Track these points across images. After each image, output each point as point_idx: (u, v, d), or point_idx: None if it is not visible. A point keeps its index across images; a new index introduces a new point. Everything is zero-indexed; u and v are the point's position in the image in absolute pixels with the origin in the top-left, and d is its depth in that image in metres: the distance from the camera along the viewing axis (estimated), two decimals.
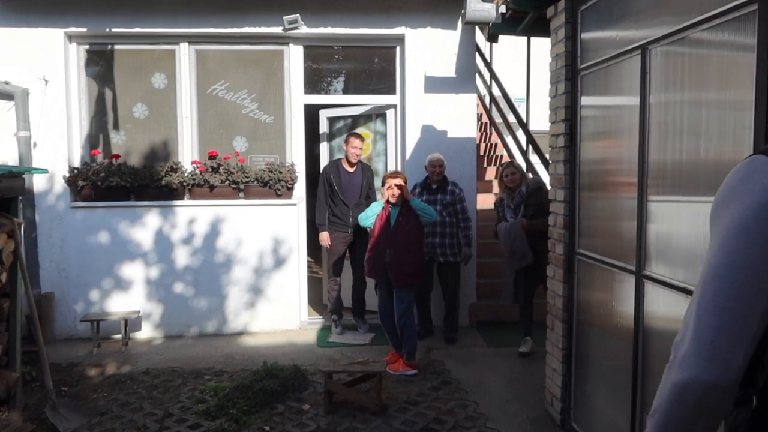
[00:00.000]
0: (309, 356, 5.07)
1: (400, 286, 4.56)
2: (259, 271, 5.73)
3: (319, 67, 6.11)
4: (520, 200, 4.94)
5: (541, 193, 4.89)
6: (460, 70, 5.81)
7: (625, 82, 2.94)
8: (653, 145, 2.67)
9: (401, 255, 4.53)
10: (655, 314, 2.71)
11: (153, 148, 5.85)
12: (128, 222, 5.59)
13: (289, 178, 5.67)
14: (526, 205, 4.91)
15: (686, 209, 2.49)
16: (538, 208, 4.82)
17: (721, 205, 0.89)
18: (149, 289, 5.66)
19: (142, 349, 5.36)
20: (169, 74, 5.84)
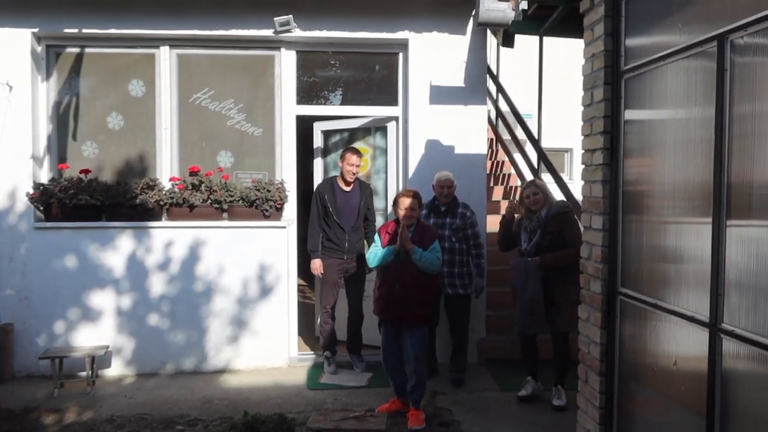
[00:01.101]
0: (297, 401, 4.43)
1: (404, 325, 3.96)
2: (244, 301, 5.11)
3: (313, 75, 5.55)
4: (537, 225, 4.33)
5: (564, 220, 4.29)
6: (469, 79, 5.25)
7: (690, 84, 2.36)
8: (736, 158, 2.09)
9: (409, 291, 3.93)
10: (739, 382, 2.10)
11: (128, 162, 5.26)
12: (98, 245, 4.98)
13: (279, 197, 5.07)
14: (544, 232, 4.28)
15: None
16: (556, 237, 4.23)
17: None
18: (121, 321, 5.03)
19: (110, 390, 4.72)
20: (148, 81, 5.27)
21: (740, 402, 2.12)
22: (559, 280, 4.21)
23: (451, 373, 4.83)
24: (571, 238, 4.21)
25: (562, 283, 4.19)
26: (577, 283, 4.26)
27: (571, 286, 4.21)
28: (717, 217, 2.17)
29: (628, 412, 2.87)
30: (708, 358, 2.21)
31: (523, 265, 4.26)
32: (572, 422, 3.48)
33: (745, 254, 2.07)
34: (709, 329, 2.21)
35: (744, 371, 2.09)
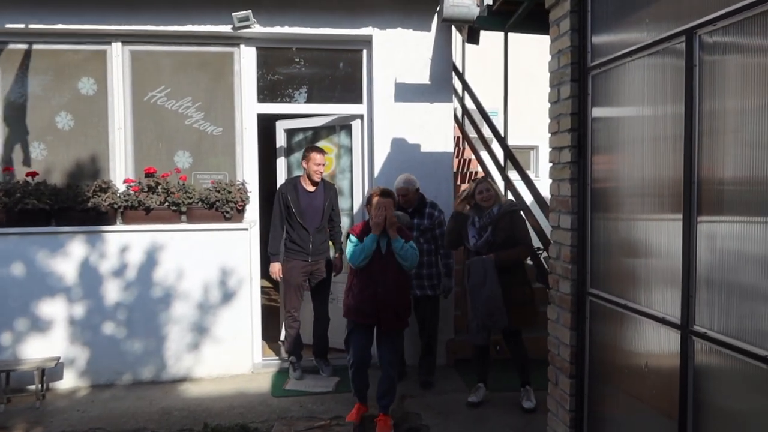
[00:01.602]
0: (261, 410, 4.27)
1: (389, 329, 3.84)
2: (205, 306, 4.91)
3: (275, 72, 5.38)
4: (489, 221, 4.22)
5: (514, 217, 4.24)
6: (434, 77, 5.16)
7: (659, 80, 2.31)
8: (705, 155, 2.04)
9: (391, 294, 3.82)
10: (712, 385, 2.05)
11: (79, 164, 5.01)
12: (48, 251, 4.72)
13: (240, 198, 4.90)
14: (495, 228, 4.19)
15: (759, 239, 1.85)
16: (509, 235, 4.16)
17: None
18: (73, 331, 4.77)
19: (62, 404, 4.48)
20: (99, 79, 5.03)
21: (713, 405, 2.07)
22: (506, 280, 4.14)
23: (421, 376, 4.74)
24: (521, 237, 4.20)
25: (509, 282, 4.13)
26: (522, 282, 4.26)
27: (517, 285, 4.19)
28: (687, 214, 2.12)
29: (598, 414, 2.82)
30: (680, 360, 2.16)
31: (480, 263, 4.16)
32: (542, 424, 3.43)
33: (716, 253, 2.02)
34: (680, 331, 2.16)
35: (716, 374, 2.04)
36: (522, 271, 4.30)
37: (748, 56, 1.87)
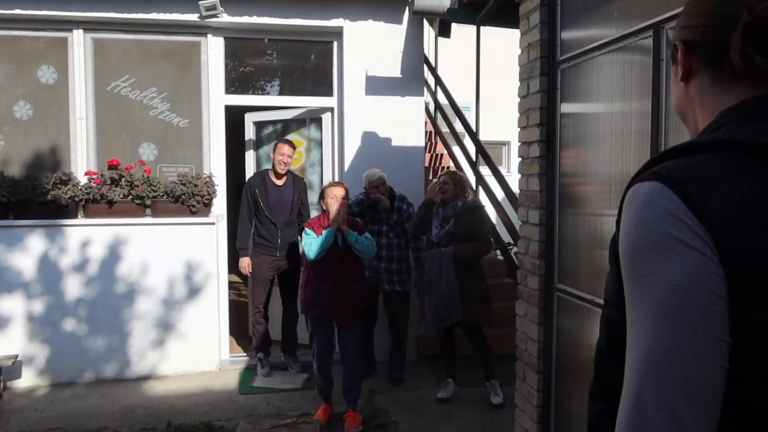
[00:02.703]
0: (227, 408, 4.19)
1: (347, 324, 3.80)
2: (170, 302, 4.80)
3: (243, 63, 5.27)
4: (452, 213, 4.22)
5: (477, 213, 4.24)
6: (406, 70, 5.12)
7: (626, 74, 2.30)
8: None
9: (349, 287, 3.76)
10: None
11: (38, 155, 4.83)
12: (5, 246, 4.55)
13: (207, 192, 4.78)
14: (458, 221, 4.18)
15: None
16: (470, 229, 4.16)
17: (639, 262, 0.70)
18: (32, 328, 4.61)
19: (20, 403, 4.33)
20: (60, 67, 4.85)
21: None
22: (463, 274, 4.12)
23: (390, 372, 4.71)
24: (482, 233, 4.22)
25: (466, 276, 4.13)
26: (479, 278, 4.26)
27: (474, 280, 4.19)
28: None
29: (565, 409, 2.82)
30: None
31: (438, 255, 4.14)
32: (510, 420, 3.42)
33: None
34: None
35: None
36: (479, 267, 4.31)
37: None
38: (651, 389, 0.66)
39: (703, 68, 0.81)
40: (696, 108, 0.84)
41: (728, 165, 0.70)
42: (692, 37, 0.82)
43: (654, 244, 0.69)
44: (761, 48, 0.73)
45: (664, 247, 0.68)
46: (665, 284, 0.67)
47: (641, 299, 0.70)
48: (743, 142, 0.71)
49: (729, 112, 0.77)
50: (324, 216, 3.85)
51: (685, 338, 0.66)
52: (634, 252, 0.72)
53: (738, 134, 0.73)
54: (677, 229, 0.68)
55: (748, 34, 0.73)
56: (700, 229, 0.67)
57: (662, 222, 0.69)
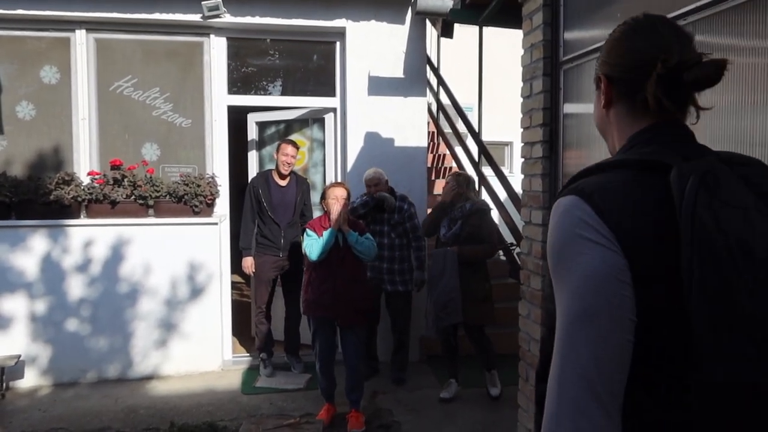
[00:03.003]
0: (230, 408, 4.19)
1: (349, 325, 3.79)
2: (173, 302, 4.80)
3: (246, 64, 5.27)
4: (461, 214, 4.28)
5: (484, 216, 4.31)
6: (408, 70, 5.11)
7: None
8: None
9: (349, 287, 3.75)
10: None
11: (41, 155, 4.84)
12: (8, 246, 4.56)
13: (209, 192, 4.79)
14: (465, 222, 4.25)
15: None
16: (475, 231, 4.22)
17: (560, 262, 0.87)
18: (35, 328, 4.62)
19: (23, 403, 4.33)
20: (63, 67, 4.86)
21: None
22: (466, 275, 4.16)
23: (393, 372, 4.70)
24: (487, 235, 4.28)
25: (469, 277, 4.16)
26: (483, 279, 4.29)
27: (477, 281, 4.23)
28: None
29: None
30: None
31: (442, 254, 4.20)
32: (513, 420, 3.42)
33: None
34: None
35: None
36: (484, 267, 4.35)
37: (720, 51, 1.86)
38: (570, 359, 0.82)
39: (621, 100, 0.99)
40: (614, 131, 1.01)
41: (629, 180, 0.87)
42: (613, 73, 0.99)
43: (569, 245, 0.85)
44: (669, 93, 0.91)
45: (577, 246, 0.84)
46: (579, 275, 0.83)
47: (562, 290, 0.86)
48: (641, 162, 0.88)
49: (638, 135, 0.96)
50: (325, 217, 3.85)
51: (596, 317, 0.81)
52: (555, 252, 0.88)
53: (639, 154, 0.91)
54: (587, 231, 0.84)
55: (660, 81, 0.90)
56: (606, 230, 0.83)
57: (576, 227, 0.85)
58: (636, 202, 0.85)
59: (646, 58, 0.92)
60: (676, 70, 0.89)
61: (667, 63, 0.89)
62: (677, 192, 0.81)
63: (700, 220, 0.78)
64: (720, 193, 0.80)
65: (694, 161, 0.84)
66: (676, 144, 0.92)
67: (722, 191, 0.80)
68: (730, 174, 0.83)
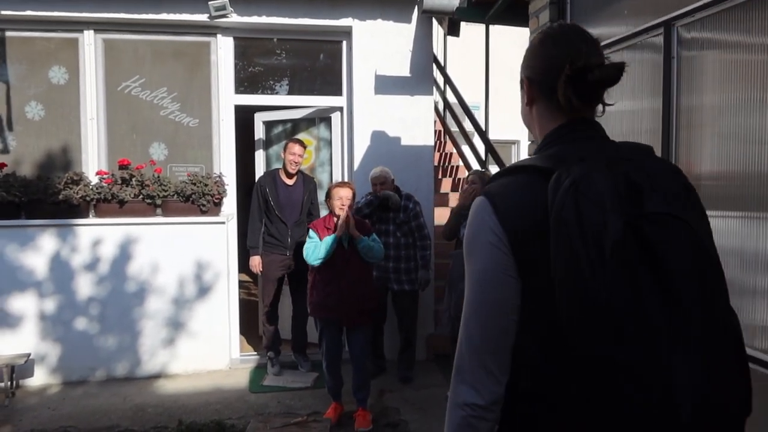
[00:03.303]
0: (238, 406, 4.21)
1: (354, 326, 3.80)
2: (181, 301, 4.83)
3: (253, 63, 5.29)
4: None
5: None
6: (415, 69, 5.11)
7: (637, 72, 2.28)
8: (683, 150, 2.02)
9: (354, 289, 3.76)
10: None
11: (50, 155, 4.88)
12: (17, 245, 4.60)
13: (217, 191, 4.81)
14: None
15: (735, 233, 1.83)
16: None
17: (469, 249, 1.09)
18: (44, 327, 4.66)
19: (32, 401, 4.37)
20: (71, 67, 4.89)
21: None
22: None
23: (400, 371, 4.71)
24: None
25: None
26: None
27: None
28: None
29: None
30: None
31: (461, 255, 4.15)
32: None
33: None
34: None
35: None
36: None
37: (727, 48, 1.85)
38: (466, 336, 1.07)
39: (540, 98, 1.12)
40: (536, 126, 1.16)
41: (522, 183, 1.04)
42: (532, 75, 1.13)
43: (474, 244, 1.07)
44: (577, 92, 1.03)
45: (479, 246, 1.06)
46: (478, 268, 1.06)
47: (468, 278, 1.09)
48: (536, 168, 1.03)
49: (550, 134, 1.10)
50: (330, 217, 3.85)
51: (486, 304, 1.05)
52: (466, 245, 1.09)
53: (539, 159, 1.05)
54: (485, 234, 1.04)
55: (569, 82, 1.03)
56: (500, 230, 1.02)
57: (479, 228, 1.06)
58: (525, 205, 1.01)
59: (557, 62, 1.05)
60: (582, 71, 1.02)
61: (574, 65, 1.02)
62: (550, 197, 0.96)
63: (564, 220, 0.93)
64: (589, 194, 0.93)
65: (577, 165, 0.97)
66: (580, 143, 1.07)
67: (591, 192, 0.93)
68: (603, 176, 0.95)
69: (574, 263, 0.91)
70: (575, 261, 0.91)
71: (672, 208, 0.94)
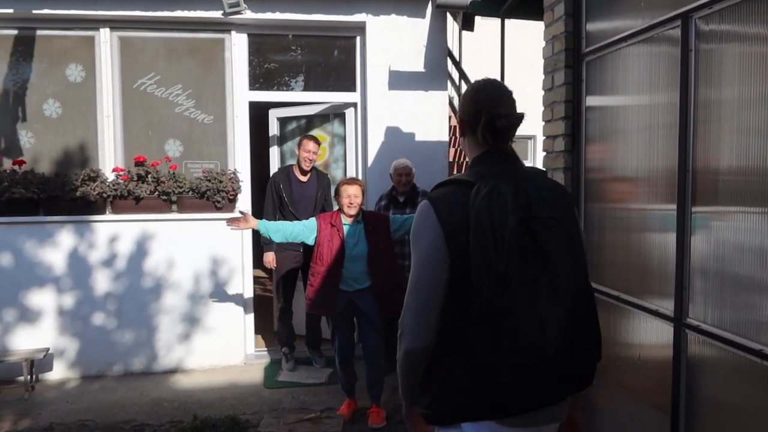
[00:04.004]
0: (253, 402, 4.24)
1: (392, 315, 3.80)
2: (196, 297, 4.86)
3: (267, 60, 5.29)
4: None
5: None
6: (429, 64, 5.08)
7: (654, 66, 2.24)
8: (700, 144, 1.98)
9: (386, 279, 3.76)
10: (705, 378, 2.00)
11: (67, 152, 4.93)
12: (36, 241, 4.66)
13: (231, 188, 4.83)
14: None
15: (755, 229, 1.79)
16: None
17: (415, 238, 1.50)
18: (63, 322, 4.72)
19: (51, 395, 4.43)
20: (87, 65, 4.93)
21: (705, 398, 2.02)
22: None
23: None
24: None
25: None
26: None
27: None
28: (681, 204, 2.06)
29: (591, 407, 2.77)
30: (673, 353, 2.11)
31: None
32: None
33: (711, 243, 1.97)
34: (673, 324, 2.10)
35: (710, 367, 1.99)
36: None
37: (746, 41, 1.80)
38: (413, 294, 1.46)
39: (468, 133, 1.57)
40: (468, 151, 1.61)
41: (454, 192, 1.46)
42: (463, 116, 1.57)
43: (419, 233, 1.47)
44: (491, 134, 1.48)
45: (422, 234, 1.46)
46: (421, 251, 1.45)
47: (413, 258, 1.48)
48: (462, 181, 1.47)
49: (475, 159, 1.55)
50: (338, 213, 3.84)
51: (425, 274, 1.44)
52: (413, 234, 1.50)
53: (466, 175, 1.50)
54: (427, 226, 1.45)
55: (485, 126, 1.47)
56: (437, 224, 1.43)
57: (424, 222, 1.46)
58: (453, 207, 1.43)
59: (478, 109, 1.51)
60: (492, 120, 1.47)
61: (486, 116, 1.48)
62: (472, 201, 1.39)
63: (480, 217, 1.37)
64: (498, 200, 1.37)
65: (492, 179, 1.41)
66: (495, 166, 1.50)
67: (499, 199, 1.37)
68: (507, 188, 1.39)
69: (484, 246, 1.35)
70: (485, 244, 1.35)
71: (551, 214, 1.41)
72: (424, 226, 1.46)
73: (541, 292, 1.35)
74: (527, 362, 1.35)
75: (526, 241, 1.35)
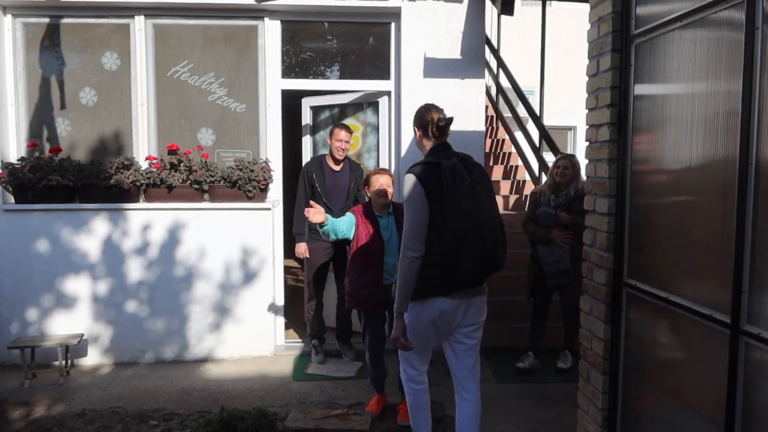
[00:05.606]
0: (281, 394, 4.19)
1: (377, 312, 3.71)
2: (227, 286, 4.84)
3: (300, 47, 5.20)
4: (564, 201, 4.33)
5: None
6: (466, 51, 4.91)
7: (713, 47, 2.04)
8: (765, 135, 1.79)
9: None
10: (765, 391, 1.82)
11: (102, 140, 4.95)
12: (71, 228, 4.70)
13: (263, 177, 4.77)
14: (569, 210, 4.29)
15: None
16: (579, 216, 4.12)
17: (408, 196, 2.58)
18: (97, 308, 4.77)
19: (85, 381, 4.48)
20: (122, 53, 4.94)
21: (766, 413, 1.84)
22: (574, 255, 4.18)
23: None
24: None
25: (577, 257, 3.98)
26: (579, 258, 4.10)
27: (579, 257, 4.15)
28: (742, 200, 1.87)
29: (633, 415, 2.61)
30: (728, 362, 1.93)
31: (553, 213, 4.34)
32: (571, 419, 3.24)
33: None
34: (729, 330, 1.93)
35: None
36: None
37: None
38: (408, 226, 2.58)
39: (423, 134, 2.77)
40: (423, 147, 2.78)
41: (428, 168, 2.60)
42: (419, 125, 2.77)
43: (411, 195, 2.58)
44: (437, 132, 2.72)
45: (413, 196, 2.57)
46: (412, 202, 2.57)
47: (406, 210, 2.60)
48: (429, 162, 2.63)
49: (431, 150, 2.73)
50: (368, 205, 3.73)
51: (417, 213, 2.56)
52: (406, 198, 2.60)
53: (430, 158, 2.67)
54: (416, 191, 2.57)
55: (434, 126, 2.71)
56: (420, 186, 2.56)
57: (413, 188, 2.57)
58: (430, 177, 2.55)
59: (428, 119, 2.71)
60: (438, 123, 2.69)
61: (433, 121, 2.69)
62: (443, 172, 2.54)
63: (448, 182, 2.51)
64: (457, 173, 2.54)
65: (450, 160, 2.58)
66: (442, 153, 2.66)
67: (458, 172, 2.55)
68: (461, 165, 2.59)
69: (453, 198, 2.50)
70: (454, 197, 2.49)
71: (480, 177, 2.64)
72: (414, 191, 2.56)
73: (482, 219, 2.53)
74: (474, 257, 2.51)
75: (472, 192, 2.53)
